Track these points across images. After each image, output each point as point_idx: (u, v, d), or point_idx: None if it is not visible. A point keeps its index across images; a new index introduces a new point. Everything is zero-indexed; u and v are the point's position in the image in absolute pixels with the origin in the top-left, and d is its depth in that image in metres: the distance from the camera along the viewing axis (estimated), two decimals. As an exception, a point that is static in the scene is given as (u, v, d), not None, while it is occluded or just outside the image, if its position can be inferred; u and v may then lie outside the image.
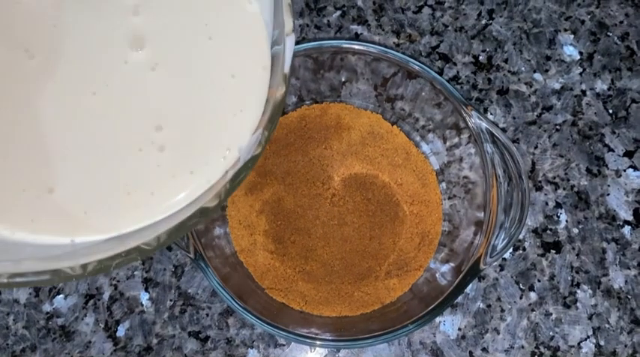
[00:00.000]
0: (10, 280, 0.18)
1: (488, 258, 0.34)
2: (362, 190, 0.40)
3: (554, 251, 0.41)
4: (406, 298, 0.38)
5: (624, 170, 0.43)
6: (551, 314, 0.40)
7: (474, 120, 0.36)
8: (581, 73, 0.46)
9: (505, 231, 0.34)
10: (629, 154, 0.43)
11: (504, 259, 0.41)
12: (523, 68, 0.46)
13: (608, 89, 0.45)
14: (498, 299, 0.40)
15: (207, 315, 0.39)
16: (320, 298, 0.37)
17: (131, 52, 0.23)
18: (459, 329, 0.39)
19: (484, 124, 0.36)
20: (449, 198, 0.40)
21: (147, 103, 0.23)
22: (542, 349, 0.39)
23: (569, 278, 0.40)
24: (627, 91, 0.45)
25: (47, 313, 0.40)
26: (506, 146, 0.35)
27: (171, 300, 0.40)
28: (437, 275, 0.38)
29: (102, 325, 0.39)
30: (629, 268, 0.41)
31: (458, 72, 0.46)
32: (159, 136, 0.23)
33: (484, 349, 0.39)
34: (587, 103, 0.45)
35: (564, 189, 0.43)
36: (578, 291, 0.40)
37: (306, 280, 0.38)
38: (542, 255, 0.41)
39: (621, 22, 0.47)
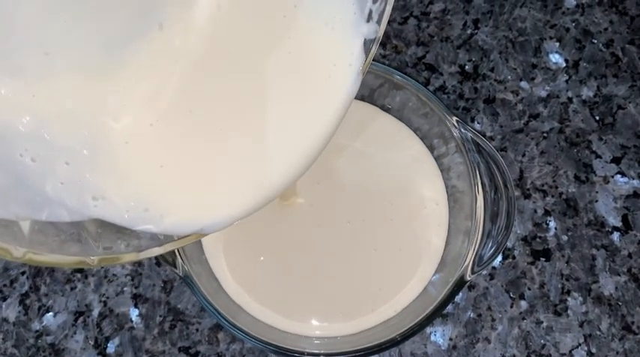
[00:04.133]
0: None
1: (476, 267, 0.34)
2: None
3: (543, 259, 0.41)
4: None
5: (612, 176, 0.43)
6: (542, 322, 0.39)
7: (460, 130, 0.36)
8: (567, 81, 0.46)
9: (492, 240, 0.34)
10: (616, 161, 0.44)
11: (494, 267, 0.41)
12: (509, 77, 0.46)
13: (595, 96, 0.46)
14: (489, 308, 0.40)
15: (197, 330, 0.39)
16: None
17: None
18: (450, 339, 0.39)
19: (469, 134, 0.36)
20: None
21: None
22: (533, 358, 0.39)
23: (560, 286, 0.40)
24: (613, 98, 0.45)
25: (36, 331, 0.39)
26: (492, 155, 0.35)
27: (160, 316, 0.40)
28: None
29: (92, 342, 0.39)
30: (619, 275, 0.41)
31: (444, 82, 0.46)
32: None
33: (476, 359, 0.39)
34: (573, 111, 0.45)
35: (553, 196, 0.43)
36: (569, 298, 0.40)
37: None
38: (532, 263, 0.41)
39: (606, 29, 0.47)
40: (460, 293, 0.39)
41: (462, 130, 0.36)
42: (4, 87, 0.20)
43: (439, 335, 0.39)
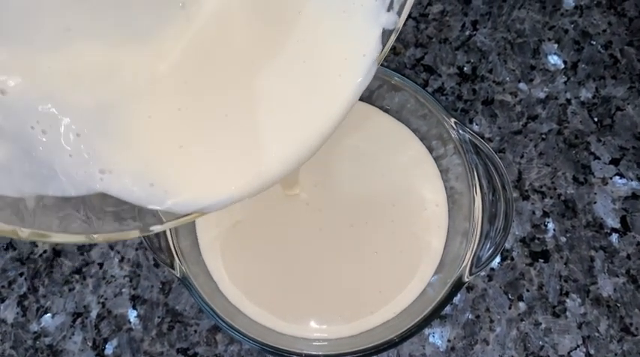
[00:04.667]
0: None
1: (474, 268, 0.34)
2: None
3: (542, 260, 0.41)
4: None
5: (610, 178, 0.43)
6: (541, 324, 0.39)
7: (458, 131, 0.36)
8: (565, 82, 0.46)
9: (490, 241, 0.34)
10: (615, 162, 0.44)
11: (492, 269, 0.41)
12: (508, 78, 0.46)
13: (593, 97, 0.46)
14: (487, 310, 0.40)
15: (196, 331, 0.39)
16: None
17: None
18: (449, 341, 0.39)
19: (467, 136, 0.36)
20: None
21: None
22: (532, 360, 0.39)
23: (558, 287, 0.40)
24: (612, 99, 0.45)
25: (35, 332, 0.39)
26: (490, 157, 0.35)
27: (159, 317, 0.40)
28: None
29: (90, 344, 0.39)
30: (617, 276, 0.41)
31: (443, 83, 0.46)
32: None
33: (474, 361, 0.39)
34: (572, 112, 0.45)
35: (551, 198, 0.43)
36: (567, 300, 0.40)
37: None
38: (531, 264, 0.41)
39: (604, 31, 0.47)
40: (458, 295, 0.39)
41: (461, 131, 0.36)
42: (20, 58, 0.20)
43: (437, 337, 0.39)
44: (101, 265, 0.41)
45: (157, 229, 0.24)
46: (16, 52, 0.20)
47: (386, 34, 0.23)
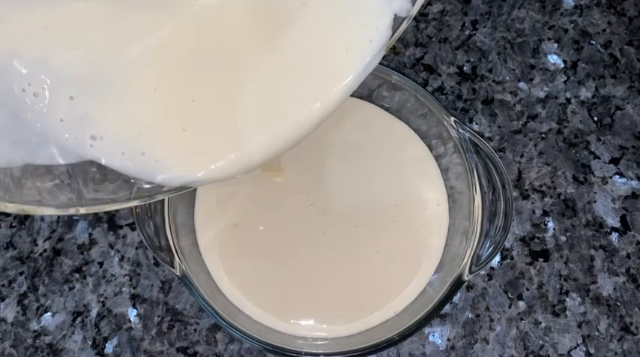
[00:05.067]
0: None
1: (474, 267, 0.34)
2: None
3: (542, 259, 0.41)
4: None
5: (610, 177, 0.43)
6: (541, 323, 0.39)
7: (458, 130, 0.36)
8: (565, 82, 0.46)
9: (490, 240, 0.34)
10: (614, 161, 0.44)
11: (492, 268, 0.41)
12: (507, 77, 0.46)
13: (593, 97, 0.46)
14: (487, 309, 0.40)
15: (195, 330, 0.39)
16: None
17: None
18: (449, 340, 0.39)
19: (467, 135, 0.36)
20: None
21: None
22: (532, 359, 0.39)
23: (558, 286, 0.40)
24: (611, 99, 0.45)
25: (35, 331, 0.39)
26: (490, 156, 0.35)
27: (159, 316, 0.40)
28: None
29: (90, 343, 0.39)
30: (617, 275, 0.41)
31: (443, 83, 0.46)
32: None
33: (474, 360, 0.39)
34: (572, 111, 0.45)
35: (551, 197, 0.43)
36: (567, 299, 0.40)
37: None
38: (530, 263, 0.41)
39: (604, 31, 0.48)
40: (458, 293, 0.39)
41: (460, 130, 0.36)
42: (14, 15, 0.19)
43: (437, 336, 0.39)
44: (101, 264, 0.41)
45: (145, 200, 0.24)
46: (11, 8, 0.19)
47: (396, 20, 0.23)
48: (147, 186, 0.23)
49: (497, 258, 0.41)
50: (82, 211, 0.22)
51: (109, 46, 0.21)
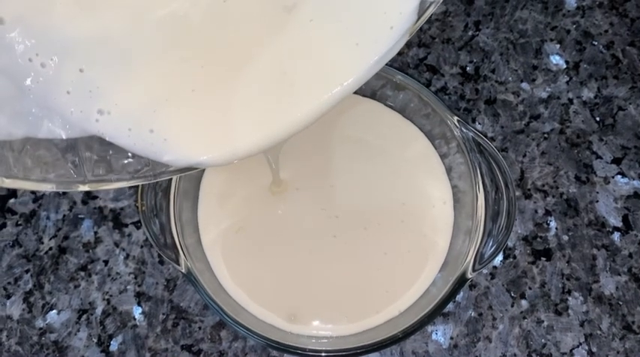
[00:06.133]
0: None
1: (477, 265, 0.34)
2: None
3: (544, 259, 0.41)
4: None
5: (612, 177, 0.43)
6: (543, 322, 0.40)
7: (461, 130, 0.37)
8: (567, 82, 0.46)
9: (493, 238, 0.35)
10: (617, 161, 0.44)
11: (495, 267, 0.41)
12: (510, 78, 0.46)
13: (595, 97, 0.46)
14: (490, 307, 0.40)
15: (200, 328, 0.39)
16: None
17: None
18: (451, 338, 0.39)
19: (471, 134, 0.36)
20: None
21: None
22: (534, 357, 0.39)
23: (560, 285, 0.41)
24: (613, 99, 0.46)
25: (40, 328, 0.40)
26: (493, 156, 0.35)
27: (163, 314, 0.40)
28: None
29: (95, 340, 0.39)
30: (619, 275, 0.41)
31: (446, 83, 0.46)
32: None
33: (477, 358, 0.39)
34: (574, 112, 0.45)
35: (553, 197, 0.43)
36: (570, 298, 0.40)
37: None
38: (533, 263, 0.41)
39: (606, 31, 0.48)
40: (461, 292, 0.40)
41: (464, 130, 0.36)
42: None
43: (440, 334, 0.39)
44: (106, 262, 0.41)
45: (149, 180, 0.23)
46: None
47: (422, 5, 0.22)
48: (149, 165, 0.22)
49: (500, 257, 0.41)
50: (84, 188, 0.22)
51: (126, 21, 0.20)
